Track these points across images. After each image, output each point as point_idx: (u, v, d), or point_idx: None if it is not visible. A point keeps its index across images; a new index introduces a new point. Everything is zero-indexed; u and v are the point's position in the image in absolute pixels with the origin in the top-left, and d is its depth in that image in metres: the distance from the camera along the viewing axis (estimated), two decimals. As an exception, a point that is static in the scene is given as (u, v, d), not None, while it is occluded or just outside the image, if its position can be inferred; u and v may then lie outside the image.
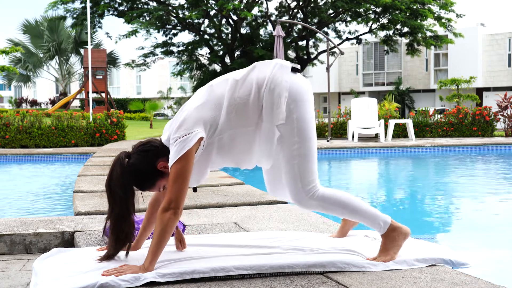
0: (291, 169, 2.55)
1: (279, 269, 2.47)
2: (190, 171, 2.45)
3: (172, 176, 2.43)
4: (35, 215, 5.62)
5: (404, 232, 2.69)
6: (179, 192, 2.42)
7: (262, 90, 2.52)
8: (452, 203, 6.53)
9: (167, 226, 2.41)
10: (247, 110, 2.52)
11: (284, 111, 2.51)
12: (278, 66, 2.58)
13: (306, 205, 2.61)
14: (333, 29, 26.90)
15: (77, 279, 2.34)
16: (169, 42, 26.34)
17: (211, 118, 2.50)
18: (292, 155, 2.55)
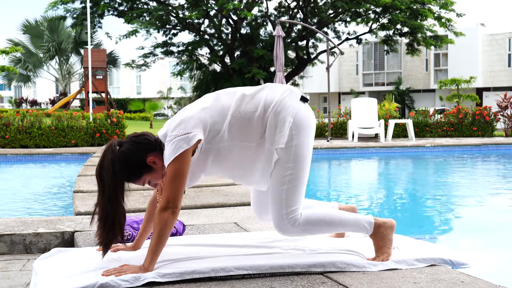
0: (279, 194, 2.56)
1: (279, 269, 2.47)
2: (187, 171, 2.45)
3: (170, 176, 2.42)
4: (35, 215, 5.62)
5: (390, 225, 2.70)
6: (177, 192, 2.42)
7: (268, 111, 2.55)
8: (452, 203, 6.53)
9: (166, 225, 2.42)
10: (250, 126, 2.54)
11: (287, 135, 2.53)
12: (288, 92, 2.61)
13: (288, 232, 2.60)
14: (333, 29, 26.90)
15: (77, 279, 2.35)
16: (169, 42, 26.34)
17: (211, 123, 2.51)
18: (283, 181, 2.55)
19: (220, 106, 2.55)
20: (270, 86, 2.65)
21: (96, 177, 2.48)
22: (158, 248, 2.42)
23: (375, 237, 2.68)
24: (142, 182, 2.55)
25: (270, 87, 2.65)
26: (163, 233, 2.42)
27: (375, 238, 2.68)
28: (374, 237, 2.68)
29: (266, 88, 2.64)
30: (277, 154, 2.54)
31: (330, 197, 7.21)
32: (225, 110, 2.54)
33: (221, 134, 2.52)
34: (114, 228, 2.47)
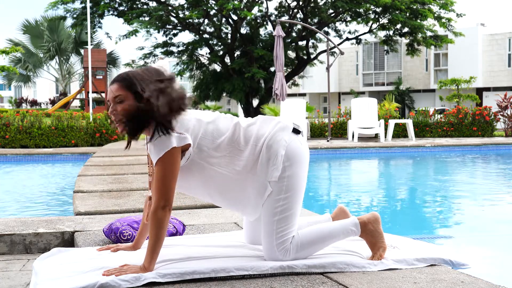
0: (270, 225, 2.56)
1: (280, 269, 2.47)
2: (178, 168, 2.45)
3: (160, 175, 2.42)
4: (35, 215, 5.62)
5: (375, 219, 2.72)
6: (169, 189, 2.43)
7: (259, 144, 2.56)
8: (452, 203, 6.53)
9: (162, 223, 2.43)
10: (241, 158, 2.55)
11: (280, 169, 2.55)
12: (280, 125, 2.63)
13: (280, 261, 2.57)
14: (333, 29, 26.89)
15: (77, 279, 2.35)
16: (169, 42, 26.34)
17: (201, 137, 2.51)
18: (274, 212, 2.56)
19: (216, 128, 2.56)
20: (262, 119, 2.68)
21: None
22: (157, 247, 2.43)
23: (365, 235, 2.70)
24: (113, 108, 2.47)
25: (262, 120, 2.67)
26: (160, 232, 2.43)
27: (366, 236, 2.70)
28: (364, 235, 2.70)
29: (258, 121, 2.66)
30: (270, 187, 2.55)
31: (330, 198, 7.21)
32: (219, 133, 2.55)
33: (207, 152, 2.52)
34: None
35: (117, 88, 2.47)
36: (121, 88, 2.47)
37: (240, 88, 24.63)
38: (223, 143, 2.54)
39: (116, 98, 2.47)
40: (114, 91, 2.48)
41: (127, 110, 2.45)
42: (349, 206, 6.36)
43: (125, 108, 2.45)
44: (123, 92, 2.46)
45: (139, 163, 7.88)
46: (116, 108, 2.46)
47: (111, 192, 5.08)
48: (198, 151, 2.51)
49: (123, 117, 2.46)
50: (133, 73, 2.51)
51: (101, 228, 3.48)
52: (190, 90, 36.75)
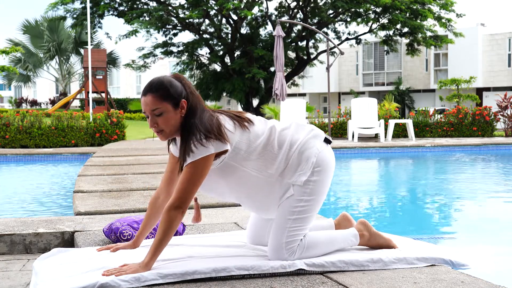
0: (284, 222, 2.56)
1: (281, 269, 2.47)
2: (205, 175, 2.45)
3: (188, 176, 2.42)
4: (35, 215, 5.62)
5: (364, 226, 2.81)
6: (190, 193, 2.43)
7: (292, 149, 2.59)
8: (452, 203, 6.53)
9: (174, 224, 2.43)
10: (274, 162, 2.57)
11: (307, 175, 2.57)
12: (313, 133, 2.66)
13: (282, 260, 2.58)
14: (333, 30, 26.90)
15: (77, 279, 2.35)
16: (169, 42, 26.34)
17: (238, 141, 2.52)
18: (293, 211, 2.56)
19: (252, 129, 2.57)
20: (297, 125, 2.71)
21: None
22: (161, 245, 2.43)
23: (366, 243, 2.78)
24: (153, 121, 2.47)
25: (297, 126, 2.70)
26: (169, 231, 2.43)
27: (365, 243, 2.78)
28: (365, 243, 2.78)
29: (292, 126, 2.69)
30: (292, 190, 2.56)
31: (330, 198, 7.21)
32: (255, 136, 2.56)
33: (242, 156, 2.52)
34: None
35: (153, 101, 2.44)
36: (157, 99, 2.44)
37: (240, 88, 24.63)
38: (259, 146, 2.55)
39: (154, 111, 2.45)
40: (150, 104, 2.45)
41: (170, 122, 2.46)
42: (349, 206, 6.36)
43: (167, 121, 2.45)
44: (161, 104, 2.44)
45: (139, 163, 7.88)
46: (156, 122, 2.46)
47: (111, 192, 5.08)
48: (234, 154, 2.51)
49: (166, 128, 2.47)
50: (163, 80, 2.49)
51: (101, 228, 3.48)
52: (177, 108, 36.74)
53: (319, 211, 2.81)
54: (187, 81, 2.55)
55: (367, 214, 5.83)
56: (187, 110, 2.49)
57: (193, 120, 2.46)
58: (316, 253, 2.63)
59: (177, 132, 2.50)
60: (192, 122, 2.46)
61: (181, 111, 2.48)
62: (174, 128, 2.47)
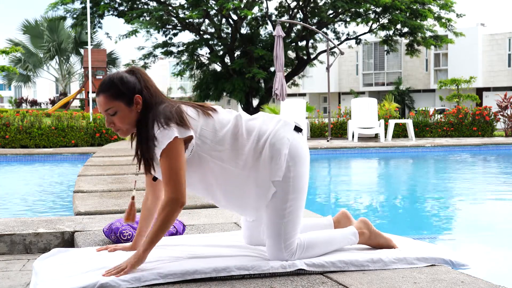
0: (278, 227, 2.52)
1: (281, 269, 2.47)
2: (182, 161, 2.39)
3: (166, 167, 2.36)
4: (35, 215, 5.62)
5: (364, 224, 2.80)
6: (179, 182, 2.38)
7: (261, 141, 2.51)
8: (452, 203, 6.53)
9: (172, 217, 2.39)
10: (243, 152, 2.50)
11: (283, 168, 2.50)
12: (282, 123, 2.58)
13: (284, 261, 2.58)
14: (333, 30, 26.90)
15: (77, 279, 2.34)
16: (169, 42, 26.35)
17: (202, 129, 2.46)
18: (283, 214, 2.52)
19: (216, 117, 2.52)
20: (264, 115, 2.63)
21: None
22: (157, 238, 2.40)
23: (366, 241, 2.78)
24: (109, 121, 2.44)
25: (264, 117, 2.62)
26: (166, 225, 2.39)
27: (366, 242, 2.78)
28: (364, 242, 2.78)
29: (260, 118, 2.61)
30: (274, 186, 2.50)
31: (330, 198, 7.21)
32: (220, 125, 2.50)
33: (210, 145, 2.47)
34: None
35: (105, 101, 2.42)
36: (109, 99, 2.41)
37: (240, 88, 24.63)
38: (226, 135, 2.49)
39: (108, 111, 2.43)
40: (103, 104, 2.42)
41: (125, 120, 2.43)
42: (349, 206, 6.36)
43: (122, 119, 2.43)
44: (113, 104, 2.41)
45: (139, 163, 7.86)
46: (112, 121, 2.44)
47: (111, 192, 5.08)
48: (201, 143, 2.46)
49: (123, 126, 2.45)
50: (114, 78, 2.44)
51: (101, 228, 3.48)
52: (190, 90, 36.76)
53: (319, 212, 2.81)
54: (143, 73, 2.49)
55: (367, 214, 5.84)
56: (143, 105, 2.44)
57: (150, 113, 2.41)
58: (316, 253, 2.62)
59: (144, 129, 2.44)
60: (149, 115, 2.41)
61: (136, 107, 2.43)
62: (130, 125, 2.44)
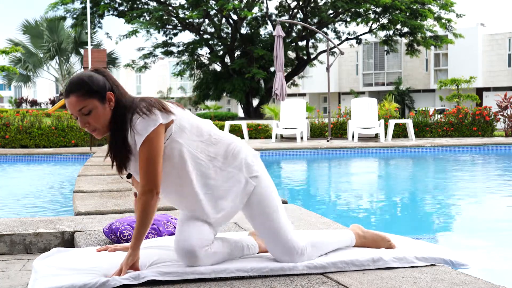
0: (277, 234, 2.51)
1: (280, 271, 2.47)
2: (161, 150, 2.37)
3: (145, 157, 2.33)
4: (35, 215, 5.62)
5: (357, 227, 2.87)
6: (155, 173, 2.35)
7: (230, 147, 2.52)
8: (452, 203, 6.53)
9: (149, 208, 2.36)
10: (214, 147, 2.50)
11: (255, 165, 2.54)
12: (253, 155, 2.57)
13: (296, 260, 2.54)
14: (333, 30, 26.91)
15: (77, 277, 2.35)
16: (169, 42, 26.35)
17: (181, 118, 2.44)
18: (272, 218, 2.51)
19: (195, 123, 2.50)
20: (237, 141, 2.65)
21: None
22: (143, 230, 2.37)
23: (362, 240, 2.81)
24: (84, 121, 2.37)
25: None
26: (147, 215, 2.36)
27: (362, 243, 2.81)
28: (360, 241, 2.80)
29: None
30: (253, 182, 2.49)
31: (330, 198, 7.21)
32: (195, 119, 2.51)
33: (187, 134, 2.44)
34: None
35: (77, 101, 2.34)
36: (81, 98, 2.34)
37: (240, 88, 24.63)
38: (202, 129, 2.49)
39: (81, 111, 2.35)
40: (75, 104, 2.34)
41: (100, 118, 2.37)
42: (349, 206, 6.36)
43: (98, 117, 2.37)
44: (86, 102, 2.35)
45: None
46: (87, 121, 2.37)
47: (111, 192, 5.08)
48: (179, 130, 2.42)
49: (99, 124, 2.39)
50: (82, 77, 2.39)
51: (101, 228, 3.48)
52: (190, 90, 36.76)
53: (319, 212, 2.81)
54: (108, 72, 2.46)
55: (367, 214, 5.84)
56: (116, 102, 2.40)
57: (124, 108, 2.38)
58: (319, 252, 2.63)
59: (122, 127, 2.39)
60: (123, 111, 2.38)
61: (109, 104, 2.39)
62: (106, 123, 2.39)
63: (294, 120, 14.34)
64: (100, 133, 2.42)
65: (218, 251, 2.49)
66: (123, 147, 2.38)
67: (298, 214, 3.90)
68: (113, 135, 2.40)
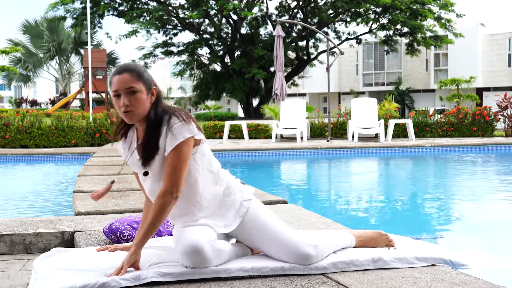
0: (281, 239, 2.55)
1: (280, 271, 2.47)
2: (189, 159, 2.44)
3: (175, 161, 2.39)
4: (35, 215, 5.62)
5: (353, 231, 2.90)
6: (180, 179, 2.42)
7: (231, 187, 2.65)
8: (452, 203, 6.53)
9: (167, 209, 2.41)
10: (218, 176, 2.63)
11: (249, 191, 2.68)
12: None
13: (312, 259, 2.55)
14: (333, 30, 26.91)
15: (77, 279, 2.34)
16: (169, 42, 26.35)
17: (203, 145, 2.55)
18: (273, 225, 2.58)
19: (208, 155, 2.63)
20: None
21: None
22: (153, 230, 2.41)
23: (361, 243, 2.82)
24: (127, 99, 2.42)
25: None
26: (162, 216, 2.41)
27: (362, 243, 2.82)
28: (361, 244, 2.82)
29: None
30: (246, 204, 2.58)
31: (330, 198, 7.21)
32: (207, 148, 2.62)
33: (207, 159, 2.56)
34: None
35: (130, 79, 2.42)
36: (134, 78, 2.43)
37: (240, 88, 24.63)
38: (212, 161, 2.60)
39: (128, 89, 2.42)
40: (127, 81, 2.42)
41: (142, 103, 2.43)
42: (349, 206, 6.36)
43: (139, 101, 2.42)
44: (136, 84, 2.43)
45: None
46: (129, 100, 2.41)
47: (111, 192, 5.08)
48: (201, 152, 2.53)
49: (137, 108, 2.43)
50: (137, 64, 2.54)
51: (101, 228, 3.48)
52: (190, 90, 36.74)
53: (319, 212, 2.81)
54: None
55: (367, 214, 5.84)
56: (156, 98, 2.50)
57: (163, 107, 2.48)
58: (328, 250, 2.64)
59: (142, 119, 2.46)
60: (160, 109, 2.47)
61: (151, 97, 2.47)
62: (143, 111, 2.43)
63: (294, 120, 14.34)
64: (133, 117, 2.44)
65: (225, 249, 2.50)
66: (154, 144, 2.43)
67: (298, 214, 3.90)
68: (148, 130, 2.45)
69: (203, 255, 2.38)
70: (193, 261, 2.38)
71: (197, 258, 2.37)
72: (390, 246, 2.81)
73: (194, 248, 2.37)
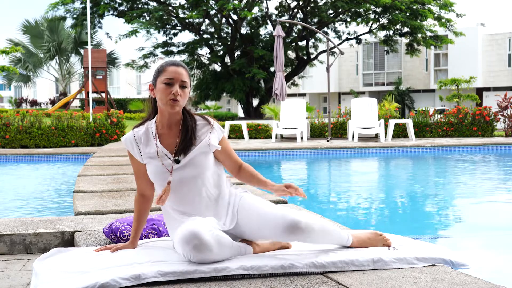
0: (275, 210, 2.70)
1: (280, 269, 2.47)
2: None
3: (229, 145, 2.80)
4: (35, 215, 5.62)
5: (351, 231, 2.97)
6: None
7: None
8: (452, 203, 6.53)
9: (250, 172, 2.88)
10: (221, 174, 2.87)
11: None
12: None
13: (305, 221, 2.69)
14: (333, 29, 26.90)
15: (77, 279, 2.35)
16: (169, 42, 26.35)
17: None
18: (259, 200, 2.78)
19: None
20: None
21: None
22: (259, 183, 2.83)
23: (359, 243, 2.82)
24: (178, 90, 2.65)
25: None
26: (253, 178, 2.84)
27: (360, 244, 2.82)
28: (358, 244, 2.82)
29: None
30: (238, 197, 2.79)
31: (330, 198, 7.21)
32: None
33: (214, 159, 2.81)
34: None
35: (185, 74, 2.69)
36: (187, 74, 2.71)
37: (240, 88, 24.63)
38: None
39: (182, 83, 2.67)
40: (183, 75, 2.68)
41: (186, 97, 2.70)
42: (349, 206, 6.36)
43: (186, 95, 2.70)
44: (188, 79, 2.71)
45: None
46: (180, 93, 2.66)
47: (111, 192, 5.08)
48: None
49: (183, 101, 2.68)
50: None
51: (101, 228, 3.48)
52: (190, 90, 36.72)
53: (319, 212, 2.80)
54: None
55: (367, 214, 5.84)
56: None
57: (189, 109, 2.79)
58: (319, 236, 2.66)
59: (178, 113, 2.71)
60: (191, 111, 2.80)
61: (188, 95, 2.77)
62: (183, 105, 2.71)
63: (294, 120, 14.34)
64: (177, 107, 2.67)
65: (225, 238, 2.53)
66: (191, 135, 2.70)
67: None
68: (185, 122, 2.72)
69: (201, 238, 2.41)
70: (193, 244, 2.41)
71: (196, 241, 2.41)
72: (387, 246, 2.81)
73: (192, 232, 2.42)
